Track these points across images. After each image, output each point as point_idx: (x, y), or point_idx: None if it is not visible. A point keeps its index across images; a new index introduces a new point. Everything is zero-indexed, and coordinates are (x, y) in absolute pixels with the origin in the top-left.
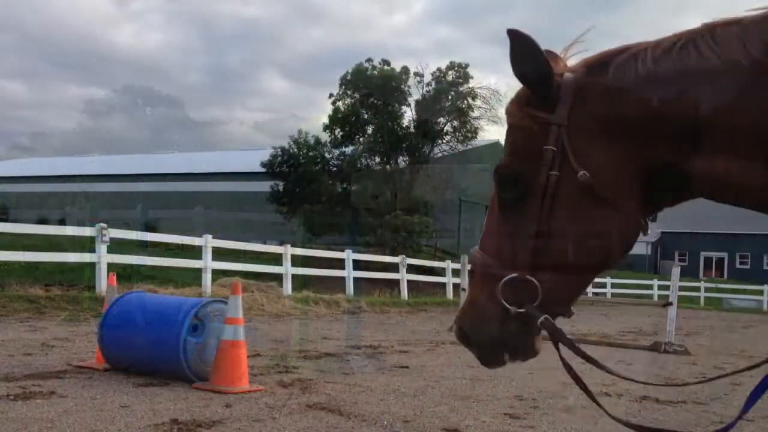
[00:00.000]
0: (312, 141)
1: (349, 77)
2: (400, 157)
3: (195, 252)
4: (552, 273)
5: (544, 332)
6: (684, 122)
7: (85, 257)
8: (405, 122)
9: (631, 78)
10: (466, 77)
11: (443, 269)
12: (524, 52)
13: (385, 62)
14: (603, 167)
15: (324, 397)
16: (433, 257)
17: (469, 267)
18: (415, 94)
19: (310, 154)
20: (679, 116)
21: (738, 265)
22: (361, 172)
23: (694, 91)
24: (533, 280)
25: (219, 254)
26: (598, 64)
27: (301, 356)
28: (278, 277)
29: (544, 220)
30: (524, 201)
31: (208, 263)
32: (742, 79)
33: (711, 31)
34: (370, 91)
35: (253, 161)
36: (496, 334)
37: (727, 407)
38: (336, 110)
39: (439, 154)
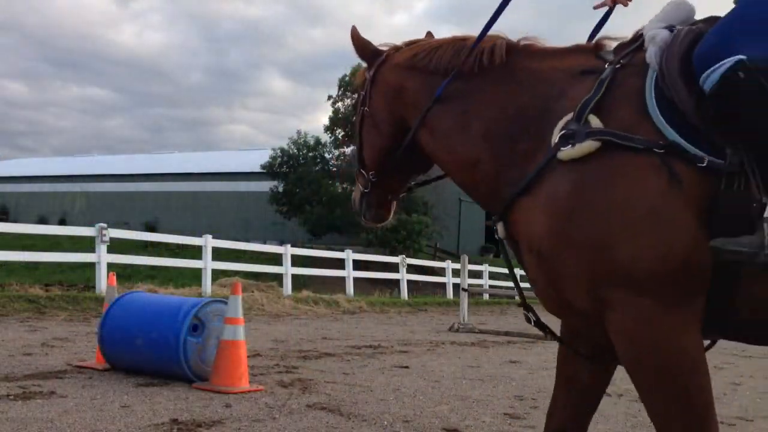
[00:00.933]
0: (312, 142)
1: (347, 78)
2: None
3: (195, 252)
4: (368, 168)
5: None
6: (409, 99)
7: (85, 257)
8: None
9: (402, 61)
10: None
11: (443, 269)
12: (354, 40)
13: None
14: (376, 107)
15: (324, 397)
16: (433, 257)
17: None
18: None
19: (310, 155)
20: (408, 94)
21: None
22: None
23: (417, 80)
24: (364, 172)
25: (219, 254)
26: (398, 48)
27: (301, 356)
28: (278, 277)
29: (359, 136)
30: (358, 124)
31: (208, 263)
32: (433, 80)
33: (450, 42)
34: None
35: (253, 161)
36: (357, 204)
37: (727, 407)
38: (336, 111)
39: None
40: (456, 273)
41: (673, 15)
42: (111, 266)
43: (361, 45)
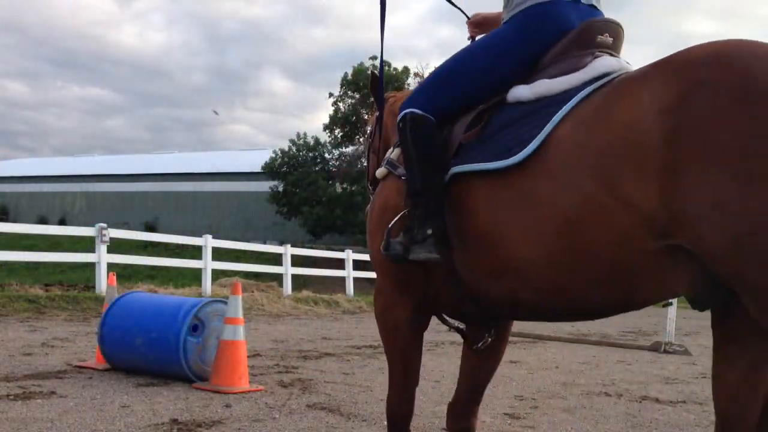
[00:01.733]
0: (312, 142)
1: (349, 77)
2: None
3: (195, 252)
4: (371, 184)
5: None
6: (388, 133)
7: (85, 257)
8: None
9: (390, 105)
10: None
11: None
12: (370, 83)
13: (386, 63)
14: (375, 136)
15: (324, 397)
16: None
17: None
18: None
19: (310, 155)
20: (387, 130)
21: None
22: (361, 172)
23: (390, 119)
24: (370, 188)
25: (219, 254)
26: (398, 92)
27: (301, 356)
28: (278, 277)
29: (367, 159)
30: (366, 150)
31: (208, 263)
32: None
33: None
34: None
35: (253, 161)
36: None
37: None
38: (336, 110)
39: None
40: None
41: None
42: (111, 266)
43: (375, 91)
